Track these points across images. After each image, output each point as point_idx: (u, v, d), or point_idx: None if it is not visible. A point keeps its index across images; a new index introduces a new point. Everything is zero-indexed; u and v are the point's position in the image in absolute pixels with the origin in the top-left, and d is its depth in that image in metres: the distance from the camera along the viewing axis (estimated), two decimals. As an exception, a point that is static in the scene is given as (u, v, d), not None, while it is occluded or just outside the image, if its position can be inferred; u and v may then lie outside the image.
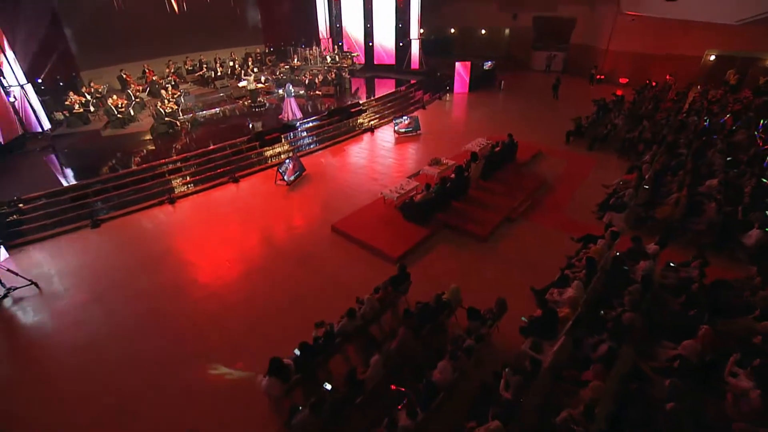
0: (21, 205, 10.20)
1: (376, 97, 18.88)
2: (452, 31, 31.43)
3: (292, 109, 14.98)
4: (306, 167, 12.88)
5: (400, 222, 9.85)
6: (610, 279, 6.67)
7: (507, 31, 29.81)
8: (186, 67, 19.58)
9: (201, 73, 19.29)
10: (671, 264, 7.09)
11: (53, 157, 12.04)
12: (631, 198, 9.34)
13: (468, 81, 22.77)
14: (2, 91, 13.11)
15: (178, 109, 14.78)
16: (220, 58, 20.41)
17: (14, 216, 9.97)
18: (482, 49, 29.86)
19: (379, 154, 14.52)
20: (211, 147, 12.92)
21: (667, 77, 21.19)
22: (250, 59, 21.05)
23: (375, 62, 24.39)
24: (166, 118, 13.97)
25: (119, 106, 14.13)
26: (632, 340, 5.40)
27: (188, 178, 11.93)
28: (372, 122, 16.85)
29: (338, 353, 5.98)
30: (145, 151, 12.86)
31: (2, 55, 13.24)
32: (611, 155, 13.93)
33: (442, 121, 18.41)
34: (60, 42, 16.24)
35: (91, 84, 15.43)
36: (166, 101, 14.48)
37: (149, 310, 7.50)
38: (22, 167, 12.16)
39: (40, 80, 15.50)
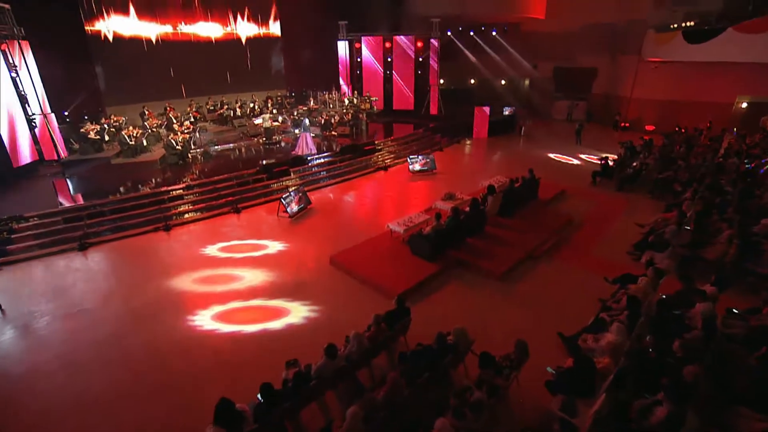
0: (13, 224, 9.77)
1: (392, 138, 18.57)
2: (472, 81, 31.82)
3: (306, 144, 14.65)
4: (312, 201, 12.21)
5: (407, 257, 8.83)
6: (658, 325, 5.38)
7: (527, 81, 29.93)
8: (207, 106, 19.97)
9: (221, 111, 19.58)
10: (735, 311, 5.74)
11: (59, 181, 11.87)
12: (673, 235, 8.10)
13: (487, 126, 22.41)
14: (25, 118, 13.37)
15: (190, 141, 14.67)
16: (241, 100, 20.82)
17: (4, 234, 9.50)
18: (502, 99, 29.93)
19: (391, 191, 13.79)
20: (216, 177, 12.50)
21: (707, 123, 20.12)
22: (269, 101, 21.41)
23: (394, 108, 24.50)
24: (177, 148, 13.80)
25: (133, 135, 14.12)
26: (697, 404, 4.06)
27: (188, 206, 11.39)
28: (386, 161, 16.33)
29: (314, 401, 4.80)
30: (150, 179, 12.54)
31: (32, 85, 13.67)
32: (642, 196, 12.79)
33: (459, 162, 17.77)
34: (89, 78, 16.84)
35: (111, 116, 15.67)
36: (178, 133, 14.41)
37: (112, 337, 6.57)
38: (27, 189, 11.97)
39: (66, 113, 15.90)
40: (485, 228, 9.96)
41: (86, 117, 15.51)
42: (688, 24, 19.69)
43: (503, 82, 30.73)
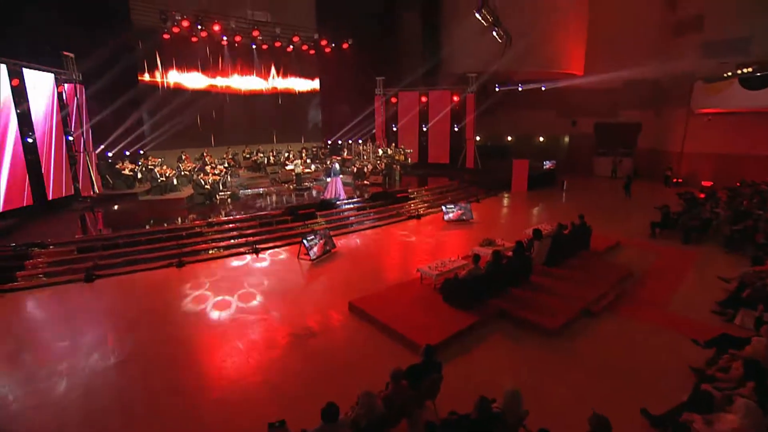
0: (32, 250, 9.45)
1: (426, 188, 17.86)
2: (509, 138, 31.39)
3: (336, 188, 14.10)
4: (338, 246, 11.31)
5: (439, 305, 7.56)
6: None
7: (566, 138, 29.12)
8: (243, 154, 20.28)
9: (255, 159, 19.76)
10: None
11: (87, 214, 11.82)
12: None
13: (527, 179, 21.40)
14: (68, 154, 13.75)
15: (219, 183, 14.49)
16: (276, 149, 21.08)
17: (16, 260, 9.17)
18: (540, 156, 29.11)
19: (423, 238, 12.72)
20: (238, 216, 11.98)
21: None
22: (304, 151, 21.56)
23: (429, 161, 24.11)
24: (206, 187, 13.58)
25: (164, 174, 14.12)
26: None
27: (205, 244, 10.76)
28: (419, 210, 15.43)
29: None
30: (173, 216, 12.20)
31: (81, 125, 14.26)
32: (714, 248, 11.06)
33: (497, 213, 16.65)
34: (136, 123, 17.54)
35: (149, 157, 15.97)
36: (209, 174, 14.30)
37: (96, 377, 5.60)
38: (56, 221, 11.84)
39: (110, 154, 16.40)
40: (530, 277, 8.59)
41: (127, 156, 15.90)
42: (744, 71, 18.55)
43: (541, 138, 30.10)
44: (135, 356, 6.22)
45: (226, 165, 17.88)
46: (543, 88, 26.87)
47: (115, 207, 13.16)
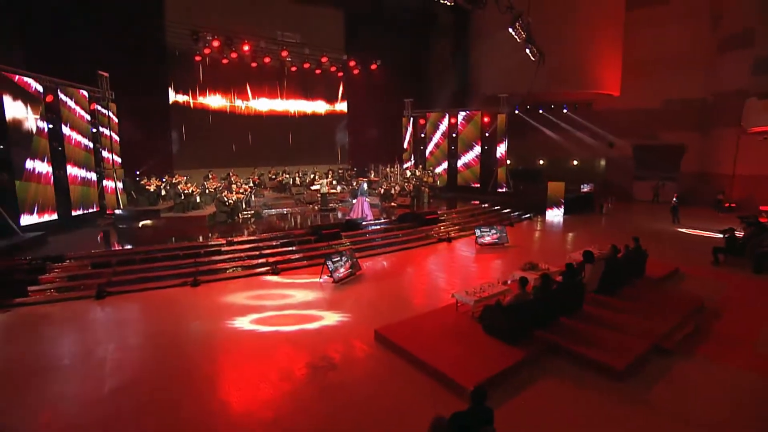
0: (48, 263, 9.09)
1: (456, 210, 16.98)
2: (540, 162, 30.24)
3: (362, 209, 13.42)
4: (362, 268, 10.48)
5: (479, 337, 6.55)
6: None
7: (603, 162, 27.72)
8: (269, 175, 20.06)
9: (280, 179, 19.46)
10: None
11: (109, 230, 11.58)
12: None
13: (562, 202, 20.17)
14: (95, 171, 13.74)
15: (243, 202, 14.10)
16: (302, 171, 20.79)
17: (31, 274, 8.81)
18: (574, 179, 27.78)
19: (456, 262, 11.76)
20: (260, 236, 11.41)
21: None
22: (330, 172, 21.17)
23: (458, 183, 23.28)
24: (229, 203, 13.17)
25: (188, 192, 13.83)
26: None
27: (223, 263, 10.16)
28: (450, 233, 14.49)
29: None
30: (193, 233, 11.76)
31: (110, 142, 14.33)
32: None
33: (532, 236, 15.56)
34: (165, 142, 17.67)
35: (176, 176, 15.86)
36: (233, 192, 13.94)
37: (84, 409, 4.88)
38: (77, 236, 11.59)
39: (138, 172, 16.42)
40: (583, 306, 7.48)
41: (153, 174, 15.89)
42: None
43: (575, 162, 28.82)
44: (130, 385, 5.49)
45: (252, 184, 17.62)
46: (564, 110, 25.97)
47: (141, 224, 12.89)
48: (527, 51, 17.71)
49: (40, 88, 11.91)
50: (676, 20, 22.82)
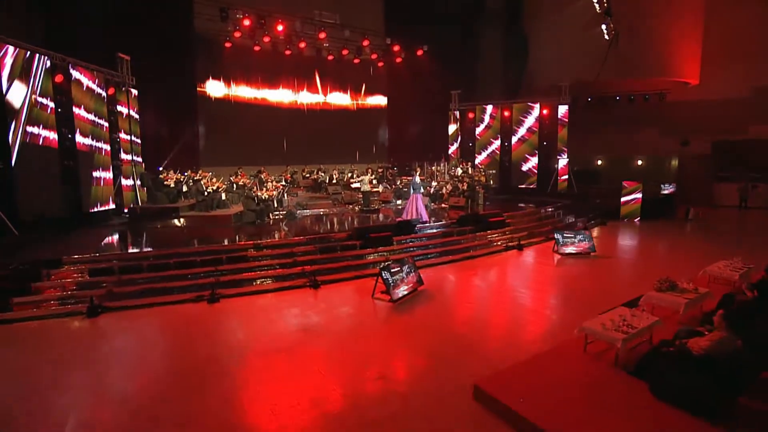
0: (42, 269, 7.28)
1: (521, 213, 14.44)
2: (599, 162, 27.09)
3: (417, 208, 11.15)
4: (424, 281, 8.16)
5: (640, 400, 4.08)
6: None
7: (675, 161, 24.33)
8: (303, 173, 18.15)
9: (316, 177, 17.49)
10: None
11: (121, 230, 9.85)
12: None
13: (639, 206, 17.23)
14: (111, 164, 12.16)
15: (274, 201, 12.12)
16: (338, 169, 18.76)
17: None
18: (638, 180, 24.59)
19: (541, 276, 9.27)
20: (294, 239, 9.31)
21: None
22: (369, 171, 19.02)
23: (511, 184, 20.67)
24: (257, 205, 11.19)
25: (213, 189, 11.94)
26: None
27: (249, 272, 8.08)
28: (519, 239, 11.97)
29: None
30: (216, 236, 9.81)
31: (129, 133, 12.77)
32: None
33: (621, 245, 12.82)
34: (191, 137, 16.04)
35: (200, 171, 14.08)
36: (264, 188, 12.00)
37: None
38: (85, 236, 9.81)
39: (161, 168, 14.77)
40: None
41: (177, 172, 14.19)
42: None
43: (640, 162, 25.54)
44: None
45: (284, 182, 15.69)
46: (646, 99, 22.80)
47: (160, 224, 11.12)
48: (603, 27, 15.08)
49: (49, 65, 10.36)
50: (765, -1, 19.59)
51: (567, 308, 7.13)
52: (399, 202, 16.02)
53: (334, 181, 17.57)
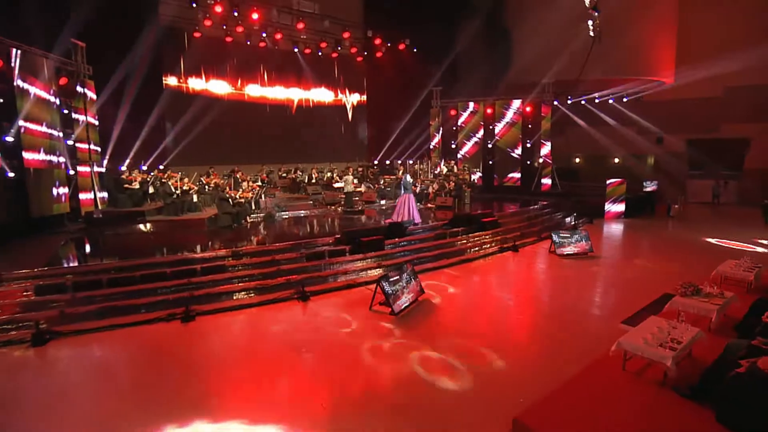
0: None
1: (510, 212, 14.00)
2: (577, 160, 27.25)
3: (409, 209, 10.41)
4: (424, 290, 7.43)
5: (696, 427, 3.52)
6: None
7: (651, 159, 24.70)
8: (279, 173, 17.10)
9: (294, 176, 16.49)
10: None
11: (76, 238, 8.60)
12: None
13: (623, 203, 17.20)
14: (68, 164, 10.82)
15: (251, 203, 11.13)
16: (317, 168, 17.81)
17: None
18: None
19: (547, 281, 8.72)
20: (277, 245, 8.40)
21: None
22: (350, 170, 18.17)
23: (495, 183, 20.31)
24: (233, 207, 10.17)
25: (182, 189, 10.79)
26: None
27: (228, 284, 7.11)
28: (513, 239, 11.46)
29: None
30: (188, 242, 8.76)
31: (86, 129, 11.41)
32: None
33: (615, 244, 12.55)
34: (158, 134, 14.72)
35: (168, 171, 12.83)
36: (240, 189, 10.98)
37: None
38: (32, 247, 8.49)
39: (123, 167, 13.38)
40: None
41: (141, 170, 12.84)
42: None
43: (617, 160, 25.82)
44: None
45: (260, 182, 14.64)
46: (624, 99, 23.01)
47: (120, 230, 9.86)
48: (589, 23, 14.83)
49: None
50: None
51: (590, 316, 6.60)
52: (383, 202, 15.29)
53: (314, 181, 16.64)
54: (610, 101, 22.95)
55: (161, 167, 14.03)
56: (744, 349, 4.03)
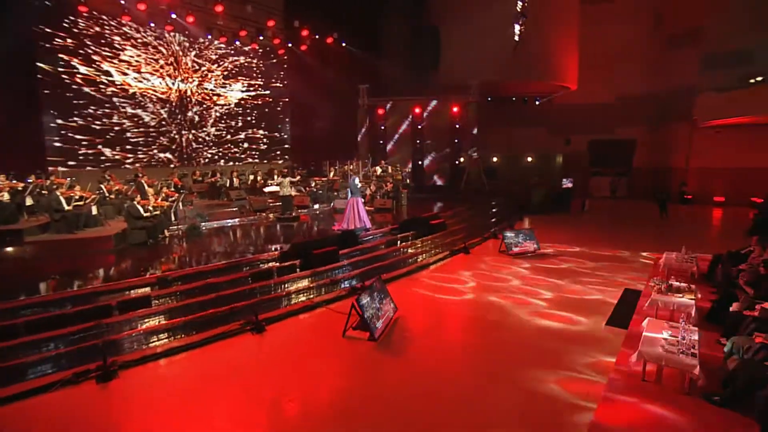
0: None
1: (451, 213, 13.83)
2: (494, 159, 28.62)
3: (358, 214, 9.47)
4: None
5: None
6: None
7: (560, 158, 26.83)
8: (194, 177, 14.96)
9: (213, 180, 14.54)
10: None
11: None
12: None
13: (547, 201, 18.30)
14: None
15: (169, 212, 9.31)
16: (238, 171, 15.96)
17: None
18: (529, 177, 26.56)
19: (514, 284, 8.38)
20: (212, 265, 6.96)
21: None
22: (275, 173, 16.62)
23: (425, 183, 20.26)
24: (144, 215, 8.33)
25: (75, 198, 8.54)
26: None
27: (153, 322, 5.56)
28: (461, 241, 11.21)
29: None
30: (91, 268, 6.85)
31: None
32: None
33: (552, 240, 12.98)
34: (33, 130, 11.83)
35: (51, 177, 10.19)
36: (150, 198, 9.10)
37: None
38: None
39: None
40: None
41: (11, 175, 10.02)
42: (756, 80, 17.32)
43: (530, 159, 27.65)
44: None
45: (174, 188, 12.54)
46: (537, 102, 24.65)
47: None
48: (516, 26, 15.32)
49: None
50: (620, 19, 22.76)
51: (580, 317, 6.35)
52: (317, 206, 14.16)
53: (236, 185, 14.83)
54: (537, 102, 24.44)
55: (39, 173, 11.19)
56: (761, 351, 3.94)
